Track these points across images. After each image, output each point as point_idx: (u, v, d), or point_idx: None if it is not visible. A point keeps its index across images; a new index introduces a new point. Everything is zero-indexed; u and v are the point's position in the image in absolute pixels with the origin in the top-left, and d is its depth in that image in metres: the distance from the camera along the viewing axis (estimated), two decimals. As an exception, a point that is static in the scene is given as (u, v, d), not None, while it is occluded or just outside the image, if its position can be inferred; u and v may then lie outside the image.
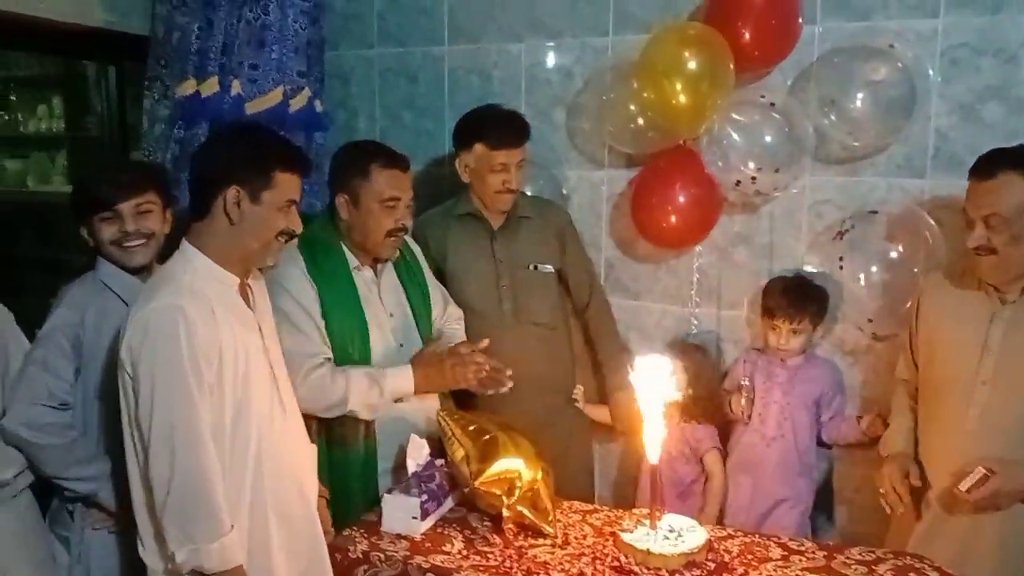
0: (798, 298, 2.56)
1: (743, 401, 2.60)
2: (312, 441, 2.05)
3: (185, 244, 1.77)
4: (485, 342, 2.30)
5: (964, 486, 1.94)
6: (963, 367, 2.06)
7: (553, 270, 2.69)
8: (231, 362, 1.71)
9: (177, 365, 1.62)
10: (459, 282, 2.61)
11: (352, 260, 2.31)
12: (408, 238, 2.47)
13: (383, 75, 3.32)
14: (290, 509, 1.84)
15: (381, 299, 2.35)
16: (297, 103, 3.01)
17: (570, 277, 2.77)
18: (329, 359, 2.20)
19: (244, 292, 1.83)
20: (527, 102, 3.08)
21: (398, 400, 2.26)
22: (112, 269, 2.10)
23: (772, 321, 2.59)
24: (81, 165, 3.60)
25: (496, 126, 2.51)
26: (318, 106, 3.10)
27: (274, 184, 1.75)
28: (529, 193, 2.87)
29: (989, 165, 1.99)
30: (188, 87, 2.80)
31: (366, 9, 3.28)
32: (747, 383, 2.63)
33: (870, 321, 2.58)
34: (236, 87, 2.84)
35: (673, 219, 2.69)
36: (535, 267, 2.65)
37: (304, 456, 1.94)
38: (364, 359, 2.26)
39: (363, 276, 2.33)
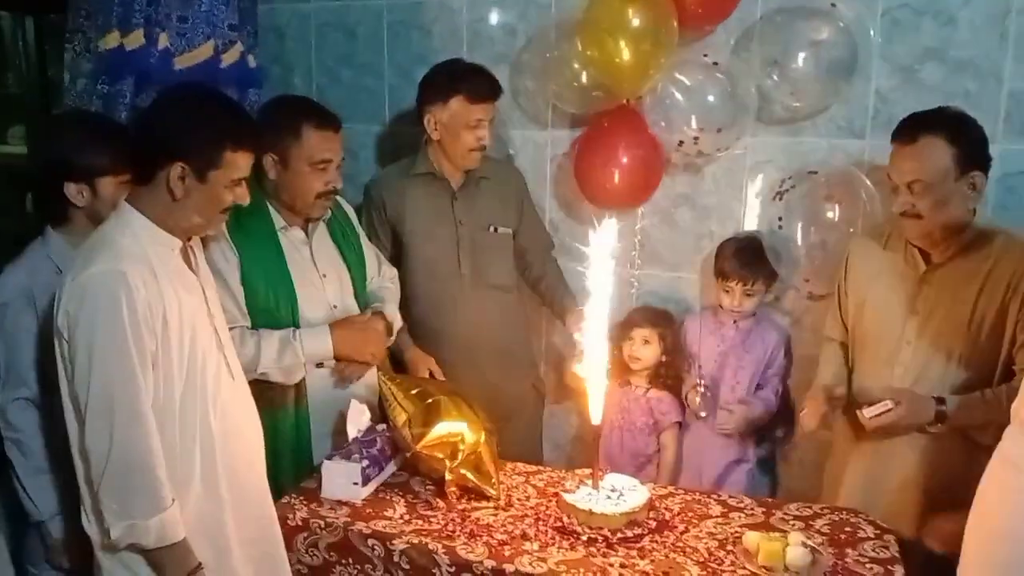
0: (752, 259, 2.56)
1: (698, 400, 2.59)
2: None
3: (124, 205, 1.67)
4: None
5: (868, 413, 2.01)
6: (889, 327, 2.10)
7: (511, 232, 2.65)
8: (176, 328, 1.65)
9: (117, 333, 1.55)
10: (418, 243, 2.55)
11: (278, 220, 2.24)
12: (340, 199, 2.40)
13: (320, 29, 3.21)
14: (240, 476, 1.80)
15: (314, 260, 2.28)
16: (229, 58, 2.89)
17: (526, 239, 2.73)
18: (244, 326, 2.14)
19: (186, 255, 1.75)
20: (469, 59, 2.99)
21: (319, 365, 2.21)
22: (63, 243, 1.95)
23: (725, 283, 2.59)
24: (5, 123, 3.42)
25: (474, 79, 2.44)
26: (251, 61, 2.98)
27: (223, 163, 1.65)
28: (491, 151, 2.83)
29: (911, 130, 1.99)
30: (111, 40, 2.65)
31: (302, -39, 3.16)
32: (703, 382, 2.61)
33: (807, 281, 2.60)
34: (163, 40, 2.70)
35: (616, 180, 2.67)
36: (495, 229, 2.61)
37: (253, 422, 1.90)
38: (293, 322, 2.20)
39: (292, 236, 2.26)
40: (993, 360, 1.99)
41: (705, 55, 2.59)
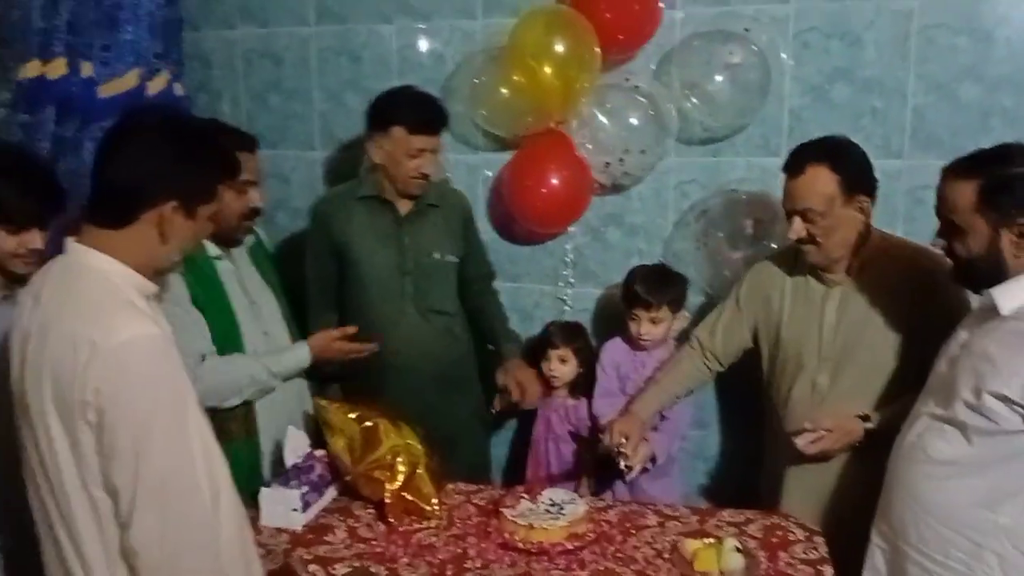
0: (655, 286, 2.55)
1: (621, 464, 2.21)
2: None
3: (90, 252, 1.44)
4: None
5: (801, 442, 2.08)
6: (805, 346, 2.19)
7: (456, 259, 2.63)
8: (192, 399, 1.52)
9: (160, 418, 1.36)
10: (362, 267, 2.52)
11: (212, 248, 2.21)
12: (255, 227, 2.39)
13: (247, 56, 3.20)
14: None
15: (244, 287, 2.27)
16: (155, 86, 2.87)
17: (468, 267, 2.70)
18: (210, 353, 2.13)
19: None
20: (399, 84, 3.04)
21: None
22: None
23: (632, 310, 2.58)
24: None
25: (416, 110, 2.41)
26: (178, 89, 2.96)
27: (215, 197, 1.55)
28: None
29: (798, 161, 2.06)
30: (32, 69, 2.61)
31: (227, -12, 3.15)
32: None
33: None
34: (87, 69, 2.68)
35: (547, 201, 2.73)
36: (441, 256, 2.58)
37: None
38: (237, 349, 2.19)
39: (224, 266, 2.24)
40: (907, 365, 2.08)
41: (627, 79, 2.68)
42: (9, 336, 1.49)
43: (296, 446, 2.14)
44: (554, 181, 2.72)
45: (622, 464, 2.20)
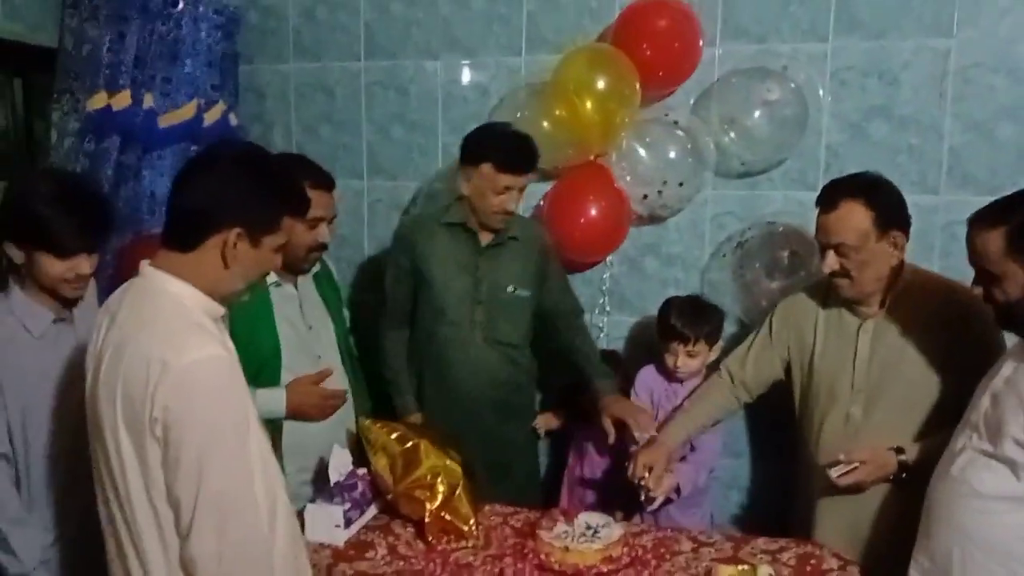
0: (692, 320, 2.53)
1: (642, 495, 2.30)
2: None
3: (162, 275, 1.51)
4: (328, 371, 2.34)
5: (835, 473, 2.09)
6: (838, 378, 2.21)
7: (529, 294, 2.62)
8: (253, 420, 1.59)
9: (224, 437, 1.43)
10: (436, 290, 2.54)
11: (272, 275, 2.26)
12: (324, 257, 2.46)
13: (299, 89, 3.33)
14: None
15: (302, 312, 2.36)
16: (211, 117, 2.99)
17: (550, 303, 2.67)
18: None
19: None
20: (444, 118, 3.15)
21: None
22: (24, 298, 1.91)
23: (667, 343, 2.57)
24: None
25: (506, 150, 2.42)
26: (232, 120, 3.09)
27: (279, 229, 1.58)
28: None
29: (831, 196, 2.09)
30: (99, 100, 2.75)
31: (281, 24, 3.29)
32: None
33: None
34: (148, 100, 2.81)
35: (585, 231, 2.80)
36: (514, 290, 2.58)
37: None
38: (275, 373, 2.27)
39: (283, 291, 2.33)
40: (941, 398, 2.10)
41: (666, 114, 2.75)
42: (86, 354, 1.57)
43: (340, 464, 2.20)
44: (593, 212, 2.78)
45: (642, 496, 2.26)
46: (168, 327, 1.46)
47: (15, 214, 1.87)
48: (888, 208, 2.07)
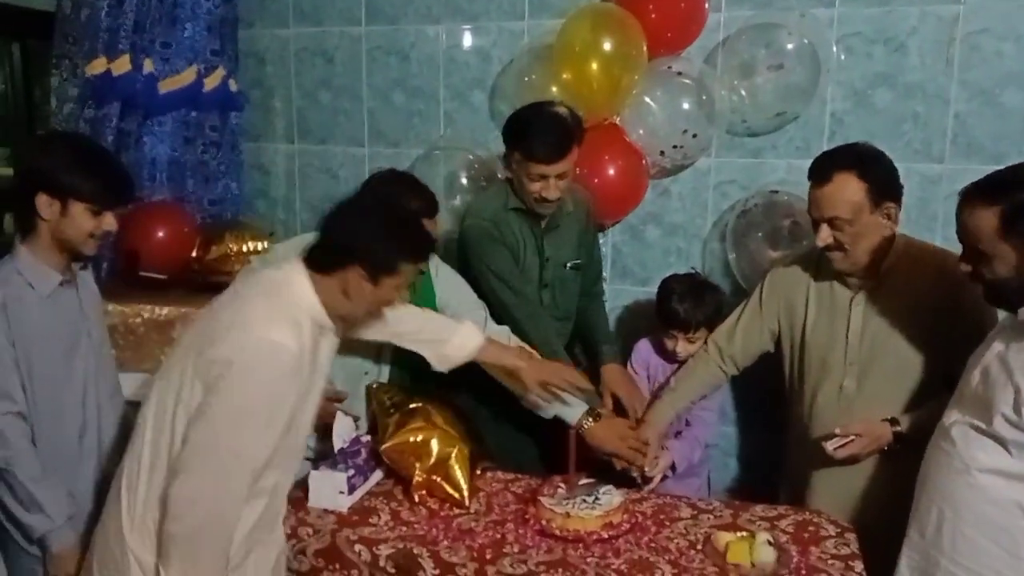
0: (693, 307, 2.47)
1: (637, 477, 2.33)
2: None
3: (303, 277, 1.71)
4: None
5: (832, 446, 2.10)
6: (831, 351, 2.20)
7: (582, 263, 2.59)
8: (297, 421, 1.72)
9: (265, 411, 1.60)
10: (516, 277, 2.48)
11: None
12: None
13: (299, 55, 3.30)
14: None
15: None
16: (211, 82, 2.99)
17: (587, 265, 2.65)
18: None
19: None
20: (446, 83, 3.12)
21: None
22: (32, 259, 1.93)
23: (667, 329, 2.53)
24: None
25: (535, 138, 2.31)
26: (232, 85, 3.08)
27: (398, 273, 1.74)
28: (466, 174, 2.94)
29: (824, 169, 2.05)
30: (98, 65, 2.74)
31: (281, -12, 3.26)
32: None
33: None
34: (148, 66, 2.80)
35: (605, 191, 2.75)
36: (572, 266, 2.56)
37: None
38: None
39: None
40: (934, 368, 2.10)
41: (670, 66, 2.71)
42: (87, 317, 1.72)
43: (343, 430, 2.22)
44: (610, 171, 2.76)
45: (638, 478, 2.29)
46: (270, 304, 1.66)
47: (50, 168, 1.91)
48: (882, 180, 2.04)
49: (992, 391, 1.71)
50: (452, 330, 2.17)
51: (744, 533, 1.94)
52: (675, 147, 2.71)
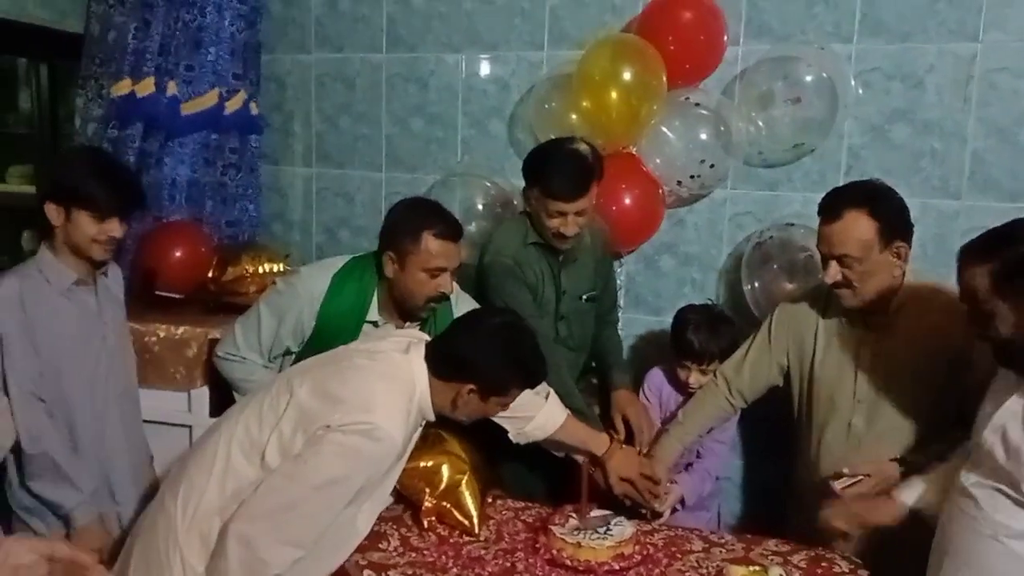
0: (708, 339, 2.46)
1: (647, 514, 2.31)
2: None
3: (423, 370, 1.85)
4: None
5: (839, 486, 2.07)
6: (839, 388, 2.18)
7: (597, 294, 2.60)
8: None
9: (345, 481, 1.70)
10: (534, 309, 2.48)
11: (373, 313, 2.25)
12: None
13: (319, 80, 3.34)
14: None
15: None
16: (232, 105, 3.03)
17: (603, 294, 2.66)
18: None
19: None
20: (464, 111, 3.15)
21: None
22: (51, 258, 2.05)
23: (681, 360, 2.51)
24: (6, 162, 3.53)
25: (553, 176, 2.31)
26: (253, 109, 3.12)
27: (508, 396, 1.91)
28: (482, 201, 2.95)
29: (835, 206, 2.03)
30: (123, 87, 2.78)
31: (304, 14, 3.30)
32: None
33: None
34: (172, 88, 2.84)
35: (620, 219, 2.76)
36: (588, 298, 2.57)
37: None
38: None
39: (381, 331, 2.23)
40: (943, 407, 2.08)
41: (688, 97, 2.73)
42: (102, 321, 1.92)
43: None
44: (627, 201, 2.77)
45: (648, 514, 2.27)
46: (391, 390, 1.78)
47: (59, 177, 2.04)
48: (893, 218, 2.02)
49: (1018, 457, 1.64)
50: (536, 407, 2.21)
51: (756, 567, 1.93)
52: (692, 177, 2.72)
